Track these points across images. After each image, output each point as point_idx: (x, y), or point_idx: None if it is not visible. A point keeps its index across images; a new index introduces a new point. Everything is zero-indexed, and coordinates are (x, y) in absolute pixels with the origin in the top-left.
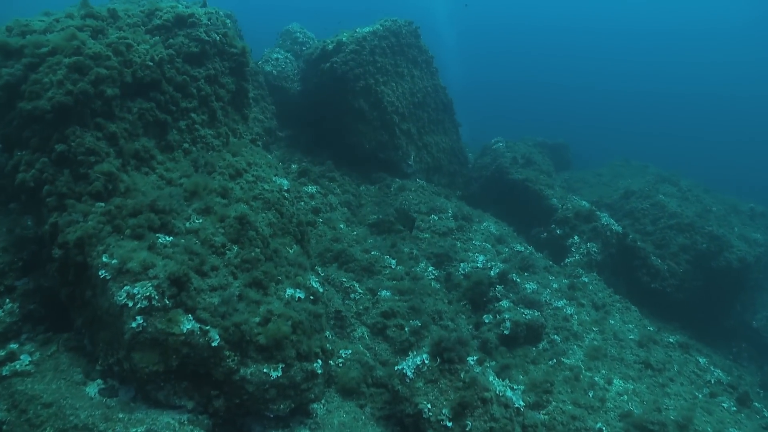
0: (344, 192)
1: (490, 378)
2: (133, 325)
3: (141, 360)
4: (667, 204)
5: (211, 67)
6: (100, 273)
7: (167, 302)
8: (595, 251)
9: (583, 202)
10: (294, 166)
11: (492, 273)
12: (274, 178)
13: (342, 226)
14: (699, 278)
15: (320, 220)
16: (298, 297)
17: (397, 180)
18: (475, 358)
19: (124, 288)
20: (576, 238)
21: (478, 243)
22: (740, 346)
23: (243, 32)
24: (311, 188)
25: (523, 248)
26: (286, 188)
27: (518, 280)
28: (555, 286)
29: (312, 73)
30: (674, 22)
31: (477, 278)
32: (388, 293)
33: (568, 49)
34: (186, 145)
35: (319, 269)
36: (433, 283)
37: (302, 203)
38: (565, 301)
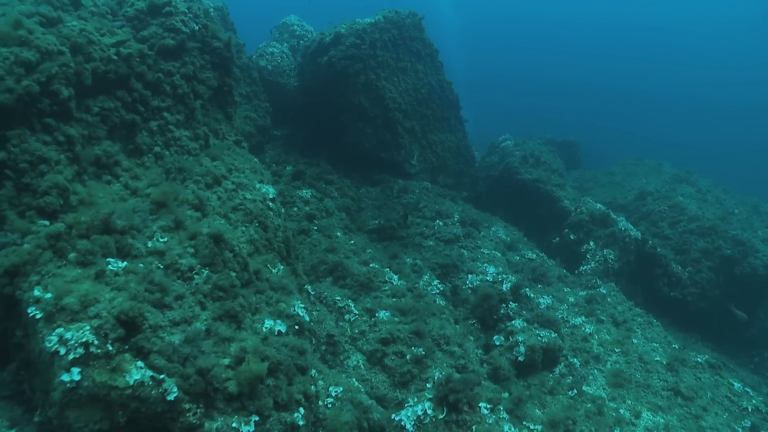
0: (342, 195)
1: (505, 429)
2: (65, 378)
3: (77, 419)
4: (686, 206)
5: (189, 61)
6: (29, 310)
7: (110, 348)
8: (612, 259)
9: (598, 205)
10: (289, 168)
11: (503, 288)
12: (257, 186)
13: (339, 234)
14: (721, 286)
15: (315, 227)
16: (279, 330)
17: (400, 181)
18: (488, 406)
19: (56, 331)
20: (591, 243)
21: (486, 251)
22: (762, 355)
23: (239, 27)
24: (306, 192)
25: (534, 255)
26: (271, 197)
27: (531, 294)
28: (571, 299)
29: (309, 68)
30: (689, 22)
31: (486, 293)
32: (387, 314)
33: (577, 45)
34: (158, 149)
35: (310, 288)
36: (438, 300)
37: (295, 209)
38: (583, 318)
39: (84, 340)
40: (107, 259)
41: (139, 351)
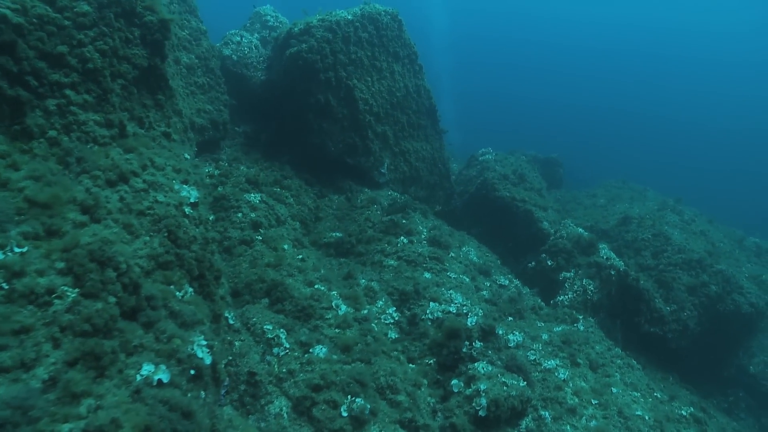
0: (299, 203)
1: None
2: None
3: None
4: (671, 236)
5: (108, 30)
6: None
7: None
8: (591, 290)
9: (579, 230)
10: (242, 168)
11: (468, 321)
12: (176, 187)
13: (286, 246)
14: (704, 323)
15: (260, 237)
16: (159, 380)
17: (367, 190)
18: None
19: None
20: (571, 272)
21: (454, 276)
22: (737, 395)
23: (214, 13)
24: (254, 196)
25: (507, 282)
26: (192, 200)
27: (500, 331)
28: (545, 337)
29: (277, 61)
30: (676, 46)
31: (453, 330)
32: (324, 350)
33: (567, 66)
34: (53, 133)
35: (231, 315)
36: (390, 333)
37: (240, 215)
38: (557, 360)
39: None
40: None
41: None
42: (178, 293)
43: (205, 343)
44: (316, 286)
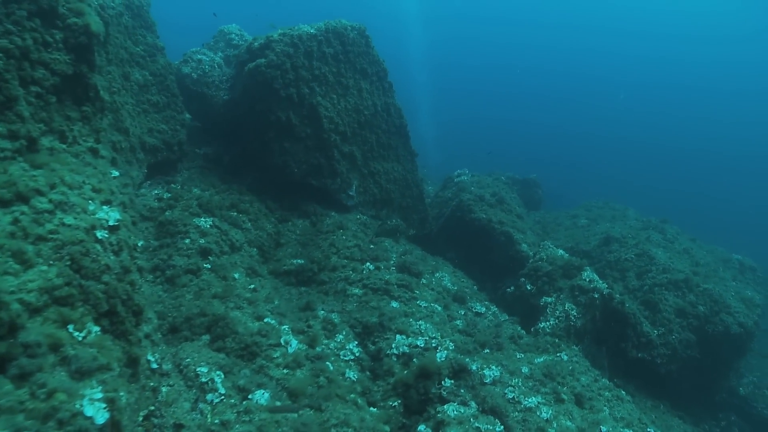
0: (257, 228)
1: None
2: None
3: None
4: (655, 255)
5: (15, 28)
6: None
7: None
8: (575, 315)
9: (560, 251)
10: (195, 190)
11: (437, 357)
12: (91, 208)
13: (237, 275)
14: (693, 345)
15: (208, 265)
16: None
17: (334, 214)
18: None
19: None
20: (552, 297)
21: (424, 304)
22: (729, 419)
23: (180, 30)
24: (205, 221)
25: (484, 309)
26: (111, 224)
27: (474, 367)
28: (525, 370)
29: (239, 78)
30: (652, 73)
31: (421, 367)
32: (266, 395)
33: (547, 89)
34: None
35: (154, 357)
36: (348, 372)
37: (187, 241)
38: (539, 397)
39: None
40: None
41: None
42: (77, 334)
43: (100, 396)
44: (266, 320)
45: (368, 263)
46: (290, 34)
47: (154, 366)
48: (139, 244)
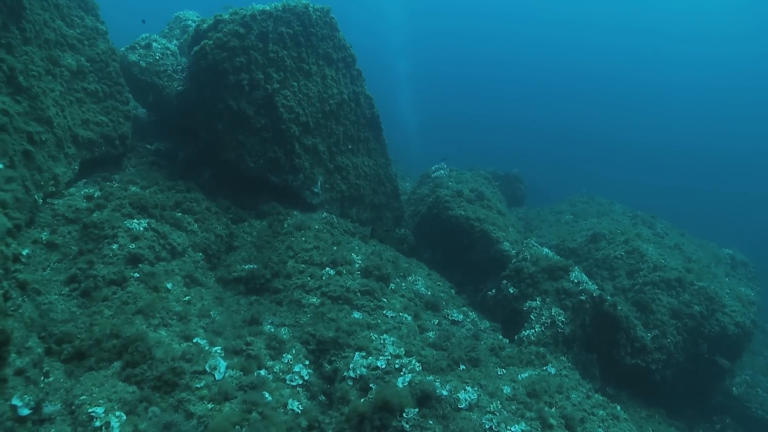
0: (204, 229)
1: None
2: None
3: None
4: (646, 252)
5: None
6: None
7: None
8: (562, 321)
9: (545, 250)
10: (133, 189)
11: (400, 382)
12: None
13: (171, 285)
14: (688, 348)
15: (137, 274)
16: None
17: (296, 213)
18: None
19: None
20: (537, 300)
21: (392, 314)
22: (724, 422)
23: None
24: (138, 223)
25: (462, 316)
26: None
27: (445, 392)
28: (507, 390)
29: (189, 66)
30: (639, 70)
31: (380, 400)
32: None
33: (532, 84)
34: None
35: (29, 398)
36: (292, 402)
37: (115, 246)
38: (523, 424)
39: None
40: None
41: None
42: None
43: None
44: (195, 340)
45: (328, 268)
46: (242, 14)
47: (24, 412)
48: (24, 253)
